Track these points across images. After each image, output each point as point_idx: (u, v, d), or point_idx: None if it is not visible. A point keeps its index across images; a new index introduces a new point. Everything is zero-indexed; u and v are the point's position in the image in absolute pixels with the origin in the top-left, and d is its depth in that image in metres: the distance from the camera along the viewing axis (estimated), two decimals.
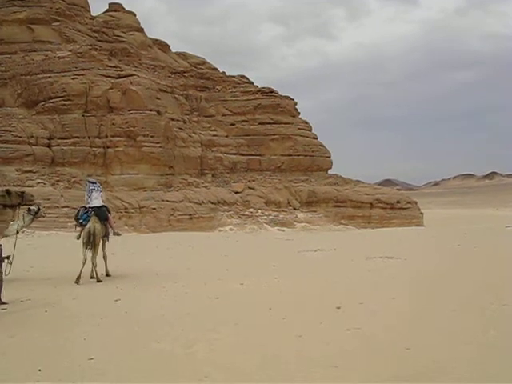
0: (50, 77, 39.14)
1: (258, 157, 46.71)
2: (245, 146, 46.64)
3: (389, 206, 42.53)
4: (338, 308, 8.37)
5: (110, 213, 13.10)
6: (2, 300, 9.11)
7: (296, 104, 50.80)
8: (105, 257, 12.69)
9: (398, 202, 42.91)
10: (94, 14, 50.39)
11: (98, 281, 11.77)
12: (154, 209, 34.48)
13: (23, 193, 9.49)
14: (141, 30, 51.39)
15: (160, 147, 38.41)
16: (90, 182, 13.03)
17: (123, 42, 46.90)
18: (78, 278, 11.45)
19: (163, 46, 54.37)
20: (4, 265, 9.33)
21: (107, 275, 12.53)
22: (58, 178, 35.71)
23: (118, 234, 13.67)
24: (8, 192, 9.31)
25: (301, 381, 5.24)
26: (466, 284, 10.66)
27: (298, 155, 47.21)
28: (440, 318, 7.65)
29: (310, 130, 50.06)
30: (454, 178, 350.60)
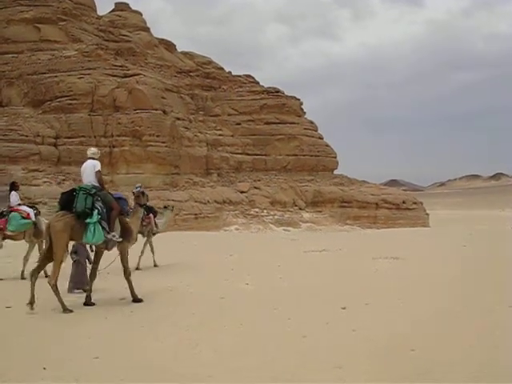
0: (56, 76, 39.29)
1: (263, 156, 46.73)
2: (250, 145, 46.66)
3: (394, 206, 42.45)
4: (344, 308, 8.34)
5: (153, 212, 14.83)
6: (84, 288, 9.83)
7: (302, 104, 50.78)
8: (152, 249, 14.64)
9: (403, 202, 42.83)
10: (100, 13, 50.58)
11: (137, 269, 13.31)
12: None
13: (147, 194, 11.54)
14: (147, 29, 51.50)
15: (166, 147, 38.47)
16: (136, 186, 14.48)
17: (129, 41, 47.00)
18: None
19: (169, 46, 54.44)
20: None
21: (155, 266, 14.35)
22: (63, 177, 35.84)
23: (157, 232, 15.37)
24: (142, 193, 10.93)
25: (305, 381, 5.22)
26: (471, 285, 10.62)
27: (304, 155, 47.20)
28: (445, 319, 7.62)
29: (316, 130, 50.05)
30: (460, 178, 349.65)
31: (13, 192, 13.31)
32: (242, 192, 41.64)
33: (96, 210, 8.67)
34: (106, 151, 37.87)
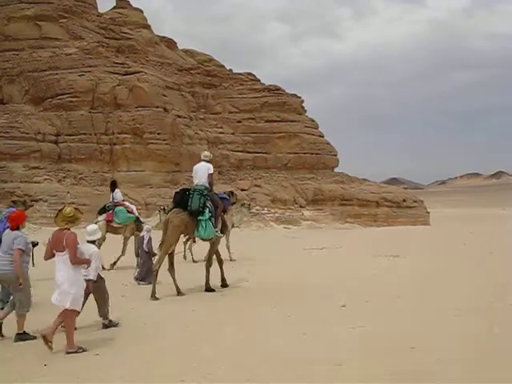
0: (57, 73, 39.24)
1: (264, 154, 46.66)
2: (251, 143, 46.58)
3: (395, 204, 42.35)
4: (343, 306, 8.36)
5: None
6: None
7: (303, 102, 50.70)
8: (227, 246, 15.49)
9: (404, 200, 42.73)
10: (101, 10, 50.41)
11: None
12: (160, 205, 34.45)
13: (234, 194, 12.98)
14: (148, 27, 51.38)
15: (166, 144, 38.44)
16: None
17: (130, 38, 46.90)
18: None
19: (170, 43, 54.32)
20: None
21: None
22: (64, 175, 35.82)
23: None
24: (231, 193, 12.30)
25: (305, 379, 5.24)
26: (471, 283, 10.64)
27: (305, 153, 47.11)
28: (445, 317, 7.63)
29: (317, 128, 49.96)
30: (461, 176, 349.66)
31: (116, 189, 14.37)
32: (242, 190, 41.58)
33: (207, 209, 9.90)
34: (106, 149, 37.88)
